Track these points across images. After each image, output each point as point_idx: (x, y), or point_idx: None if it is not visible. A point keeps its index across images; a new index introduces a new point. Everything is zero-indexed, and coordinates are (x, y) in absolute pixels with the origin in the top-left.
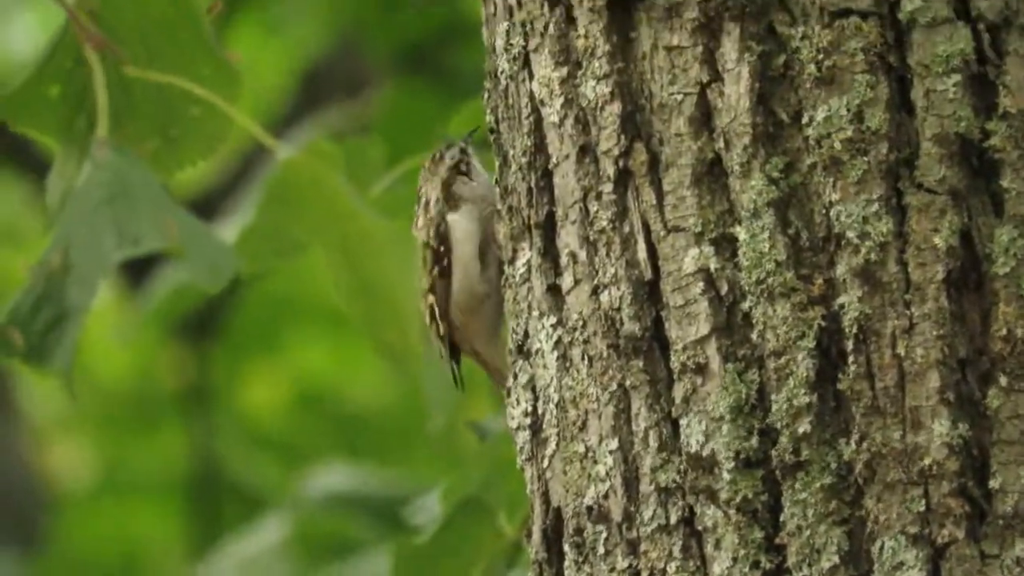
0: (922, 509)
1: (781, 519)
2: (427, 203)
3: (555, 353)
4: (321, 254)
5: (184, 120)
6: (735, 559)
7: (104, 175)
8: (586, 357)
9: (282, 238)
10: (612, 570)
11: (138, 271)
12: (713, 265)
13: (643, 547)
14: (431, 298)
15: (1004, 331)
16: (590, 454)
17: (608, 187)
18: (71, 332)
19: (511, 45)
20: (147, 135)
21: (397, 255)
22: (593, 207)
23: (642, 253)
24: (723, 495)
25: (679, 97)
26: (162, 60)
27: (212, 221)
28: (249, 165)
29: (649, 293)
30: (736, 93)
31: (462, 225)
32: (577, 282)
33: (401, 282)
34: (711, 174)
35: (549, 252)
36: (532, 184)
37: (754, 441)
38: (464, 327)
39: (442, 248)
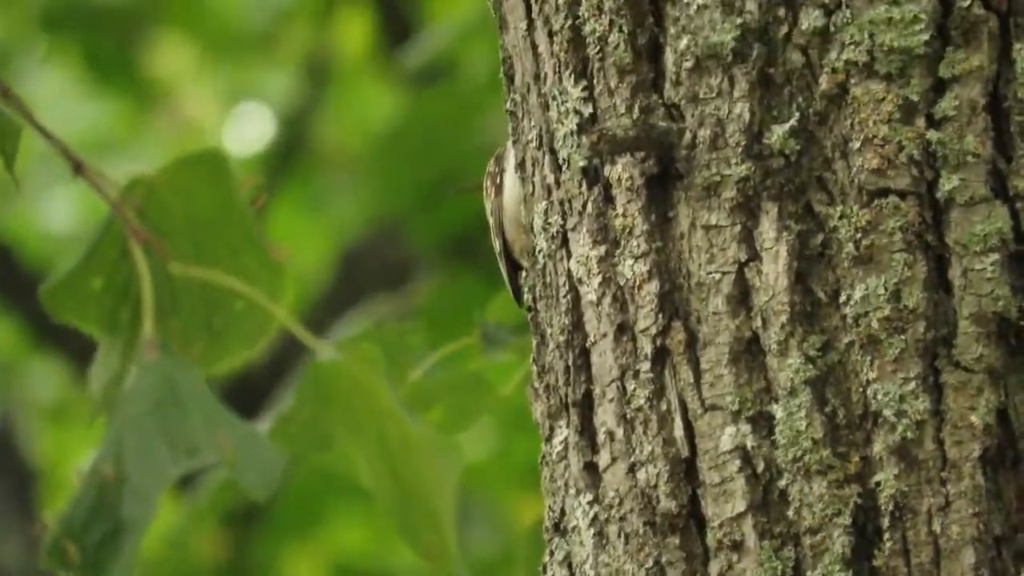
0: None
1: None
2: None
3: (591, 530)
4: (358, 452)
5: (228, 314)
6: None
7: (152, 378)
8: (622, 534)
9: (318, 431)
10: None
11: None
12: (750, 443)
13: None
14: (491, 220)
15: None
16: None
17: (646, 365)
18: (129, 546)
19: (549, 224)
20: (192, 329)
21: (434, 458)
22: (630, 385)
23: (679, 431)
24: None
25: (717, 276)
26: (207, 254)
27: (254, 400)
28: (294, 345)
29: (686, 471)
30: (774, 272)
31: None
32: (614, 460)
33: (438, 485)
34: (748, 352)
35: (586, 430)
36: (570, 362)
37: None
38: (515, 241)
39: (498, 169)
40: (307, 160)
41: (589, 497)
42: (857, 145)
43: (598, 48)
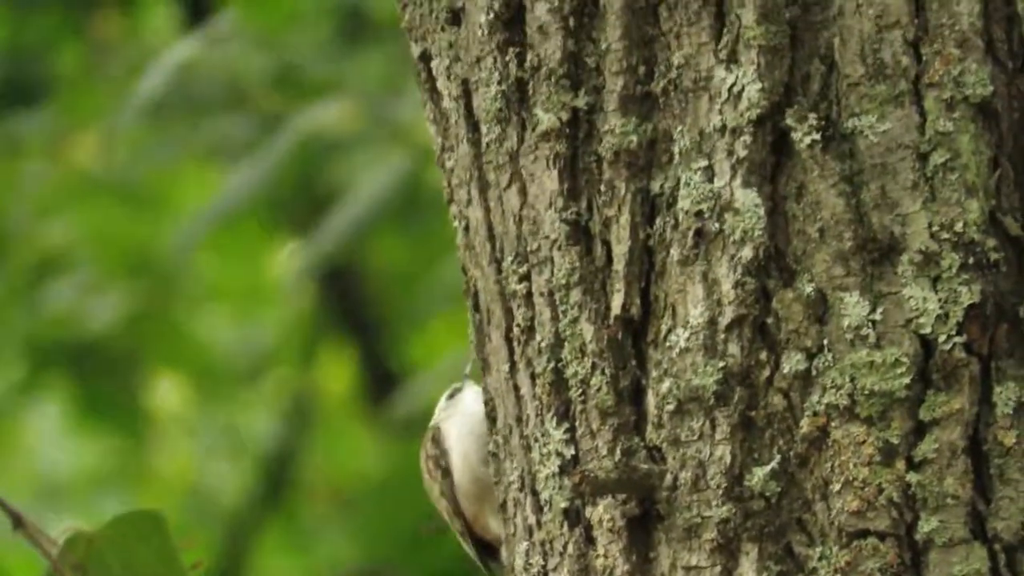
0: None
1: None
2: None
3: None
4: None
5: None
6: None
7: None
8: None
9: None
10: None
11: None
12: None
13: None
14: (443, 502)
15: None
16: None
17: None
18: None
19: (530, 564)
20: None
21: None
22: None
23: None
24: None
25: None
26: None
27: None
28: None
29: None
30: None
31: (456, 427)
32: None
33: None
34: None
35: None
36: None
37: None
38: (476, 517)
39: (439, 452)
40: (292, 496)
41: None
42: (837, 487)
43: (580, 391)
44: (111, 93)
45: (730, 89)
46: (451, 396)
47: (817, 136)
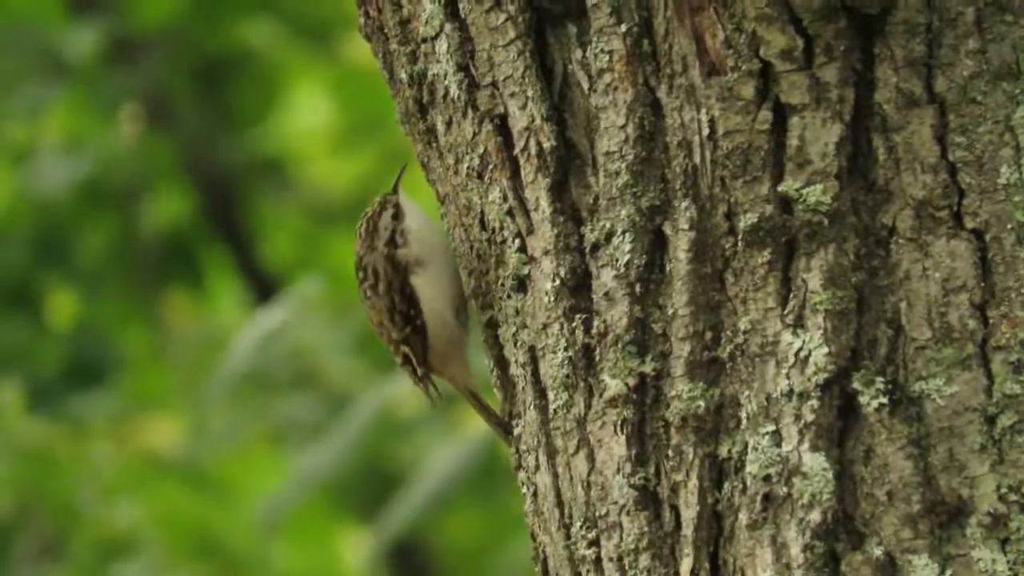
0: None
1: None
2: (376, 273)
3: None
4: None
5: None
6: None
7: None
8: None
9: None
10: None
11: None
12: None
13: None
14: (405, 348)
15: None
16: None
17: None
18: None
19: None
20: None
21: None
22: None
23: None
24: None
25: None
26: None
27: None
28: None
29: None
30: None
31: (429, 287)
32: None
33: None
34: None
35: None
36: None
37: None
38: (442, 368)
39: (412, 311)
40: None
41: None
42: None
43: None
44: (178, 377)
45: (797, 354)
46: (395, 217)
47: (885, 400)
